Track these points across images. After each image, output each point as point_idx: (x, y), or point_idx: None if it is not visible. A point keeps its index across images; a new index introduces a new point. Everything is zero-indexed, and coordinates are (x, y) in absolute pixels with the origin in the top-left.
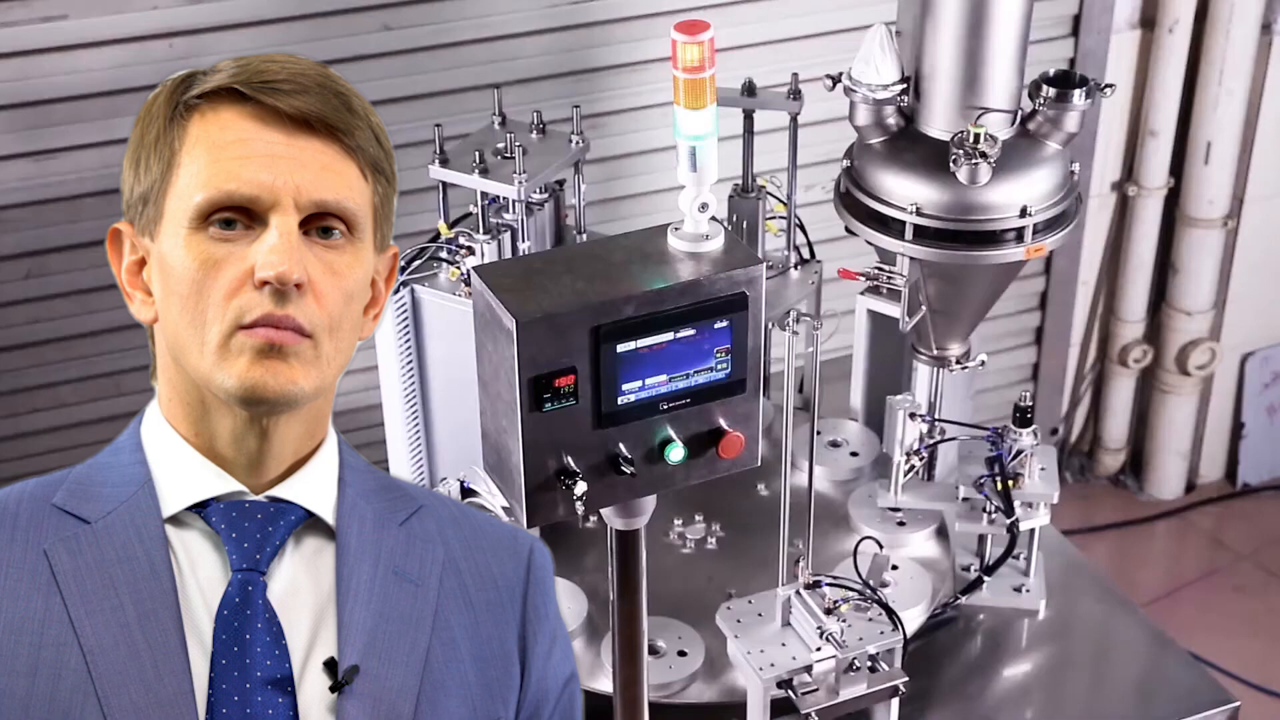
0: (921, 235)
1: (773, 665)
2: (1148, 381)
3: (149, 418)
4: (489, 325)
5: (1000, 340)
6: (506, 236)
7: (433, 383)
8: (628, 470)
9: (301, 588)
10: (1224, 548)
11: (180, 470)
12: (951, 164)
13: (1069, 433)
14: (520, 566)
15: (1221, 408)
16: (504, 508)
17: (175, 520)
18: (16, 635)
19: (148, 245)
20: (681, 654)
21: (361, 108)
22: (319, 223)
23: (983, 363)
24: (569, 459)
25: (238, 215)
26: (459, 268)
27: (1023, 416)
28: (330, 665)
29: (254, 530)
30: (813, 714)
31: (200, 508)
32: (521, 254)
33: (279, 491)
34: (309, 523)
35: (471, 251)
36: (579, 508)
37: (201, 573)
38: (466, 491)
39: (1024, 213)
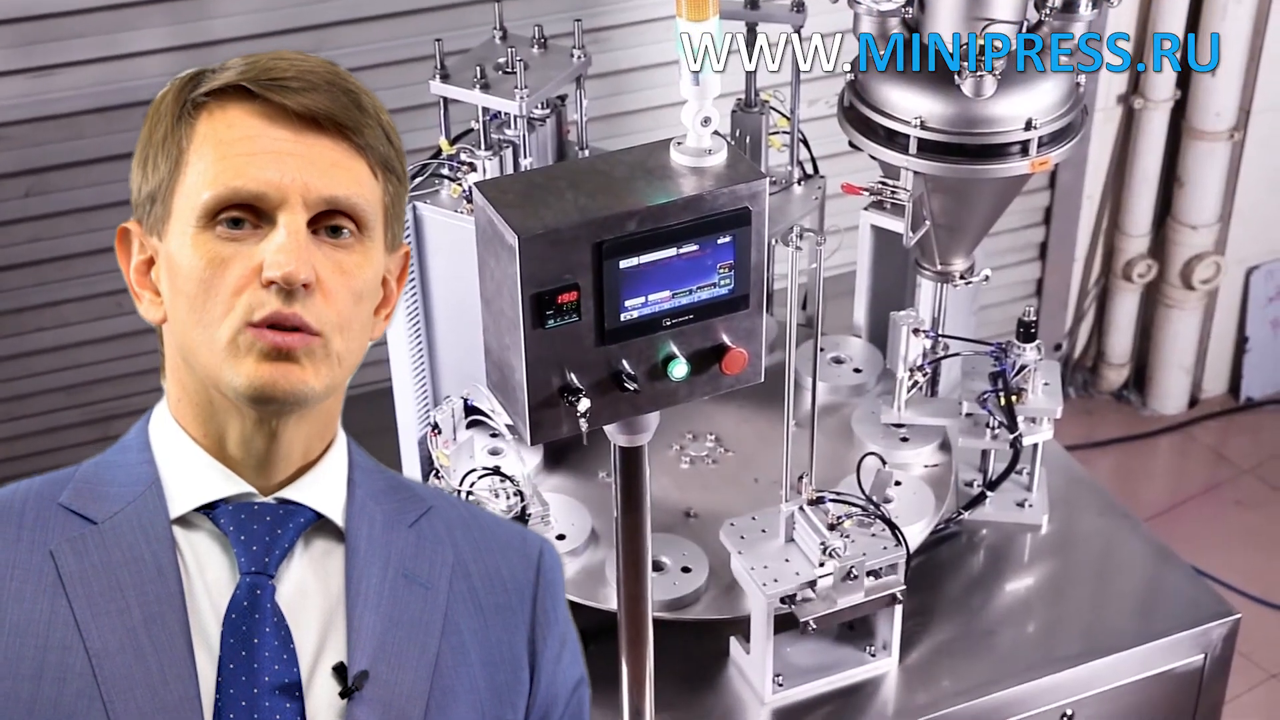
0: (925, 149)
1: (776, 581)
2: (1152, 296)
3: (157, 417)
4: (491, 242)
5: (1004, 255)
6: (508, 152)
7: (435, 300)
8: (631, 387)
9: (310, 591)
10: (1226, 462)
11: (189, 471)
12: (956, 76)
13: (1072, 348)
14: (530, 569)
15: (1225, 322)
16: (507, 425)
17: (183, 521)
18: (22, 638)
19: (156, 245)
20: (685, 570)
21: (371, 106)
22: (328, 221)
23: (986, 278)
24: (572, 376)
25: (245, 213)
26: (461, 184)
27: (1026, 331)
28: (340, 670)
29: (263, 533)
30: (810, 622)
31: (209, 509)
32: (523, 170)
33: (288, 493)
34: (318, 524)
35: (473, 168)
36: (582, 424)
37: (209, 575)
38: (470, 409)
39: (1029, 125)
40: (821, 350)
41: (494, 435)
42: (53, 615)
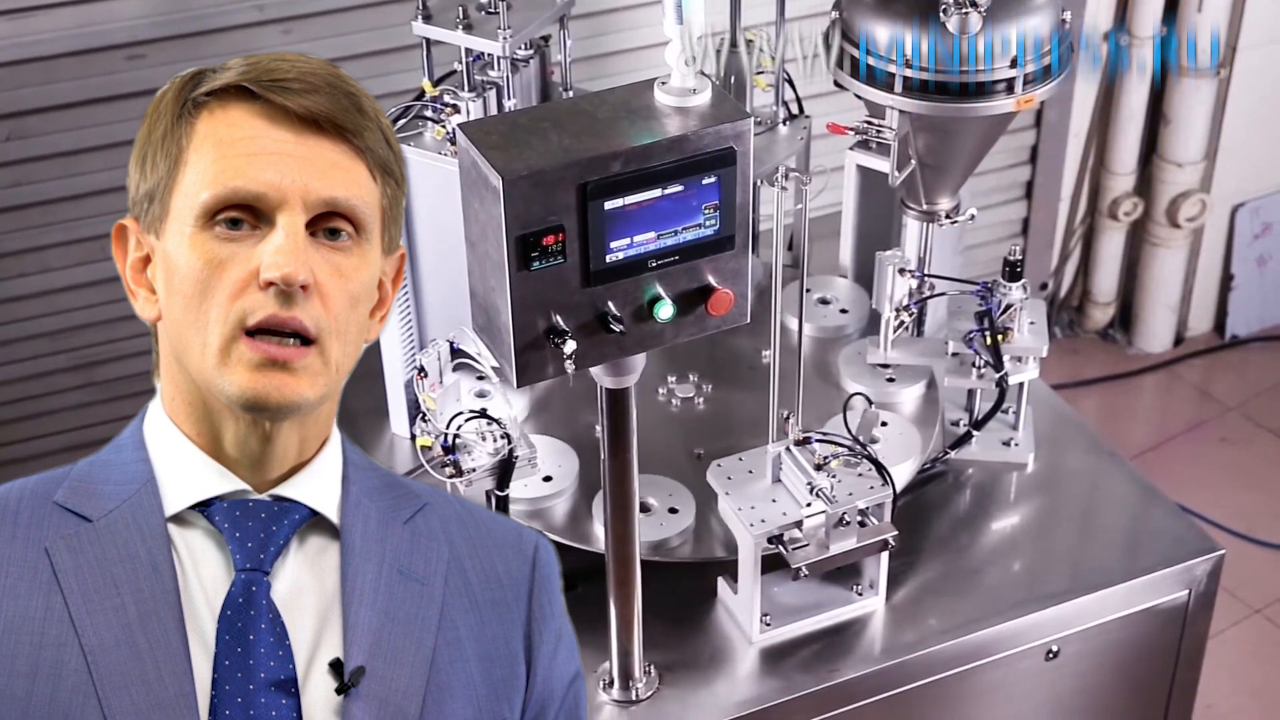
0: (911, 88)
1: (763, 521)
2: (1137, 234)
3: (152, 415)
4: (475, 184)
5: (990, 195)
6: (492, 94)
7: (420, 243)
8: (617, 328)
9: (306, 587)
10: (1212, 400)
11: (183, 469)
12: (941, 14)
13: (1058, 287)
14: (525, 565)
15: (1211, 260)
16: (494, 367)
17: (178, 519)
18: (16, 635)
19: (153, 243)
20: (672, 511)
21: (371, 109)
22: (326, 223)
23: (972, 217)
24: (558, 318)
25: (244, 214)
26: (444, 126)
27: (1012, 271)
28: (335, 666)
29: (258, 529)
30: (803, 568)
31: (203, 507)
32: (507, 111)
33: (283, 490)
34: (313, 521)
35: (457, 110)
36: (568, 366)
37: (204, 572)
38: (456, 352)
39: (1015, 63)
40: (807, 291)
41: (480, 378)
42: (48, 612)
